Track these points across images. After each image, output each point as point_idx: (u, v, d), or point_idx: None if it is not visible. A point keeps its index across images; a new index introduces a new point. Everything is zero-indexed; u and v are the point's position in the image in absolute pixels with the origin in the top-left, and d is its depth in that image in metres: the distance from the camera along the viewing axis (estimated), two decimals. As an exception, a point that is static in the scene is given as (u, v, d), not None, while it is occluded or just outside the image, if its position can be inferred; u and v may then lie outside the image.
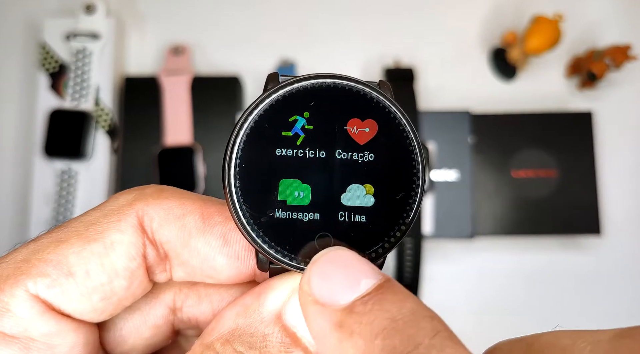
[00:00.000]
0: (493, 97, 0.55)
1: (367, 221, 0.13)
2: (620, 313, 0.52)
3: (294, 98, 0.13)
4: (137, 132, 0.51)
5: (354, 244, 0.13)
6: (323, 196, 0.13)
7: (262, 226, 0.13)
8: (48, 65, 0.51)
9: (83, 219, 0.14)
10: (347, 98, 0.14)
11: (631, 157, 0.54)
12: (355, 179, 0.13)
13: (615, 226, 0.52)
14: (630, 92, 0.55)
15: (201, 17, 0.56)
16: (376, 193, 0.13)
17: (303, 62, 0.55)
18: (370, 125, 0.13)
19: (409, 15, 0.56)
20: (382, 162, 0.13)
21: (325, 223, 0.13)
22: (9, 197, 0.53)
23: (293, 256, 0.13)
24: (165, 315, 0.15)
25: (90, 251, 0.13)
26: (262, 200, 0.13)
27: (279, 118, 0.13)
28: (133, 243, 0.13)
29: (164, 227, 0.13)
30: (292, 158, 0.13)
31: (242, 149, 0.14)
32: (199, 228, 0.14)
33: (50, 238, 0.13)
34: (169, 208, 0.14)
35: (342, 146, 0.13)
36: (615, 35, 0.55)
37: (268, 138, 0.13)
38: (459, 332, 0.54)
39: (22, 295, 0.12)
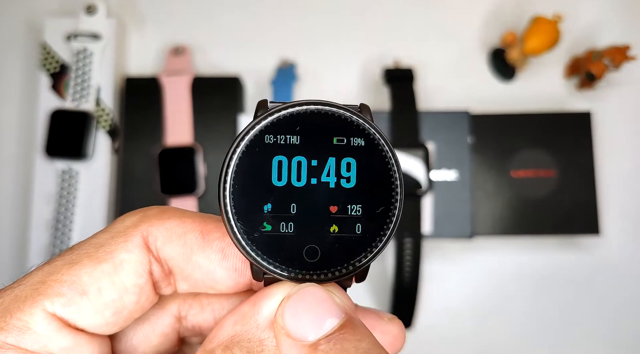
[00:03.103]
0: (492, 98, 0.55)
1: (350, 233, 0.14)
2: (619, 313, 0.52)
3: (281, 123, 0.14)
4: (137, 132, 0.51)
5: (339, 254, 0.14)
6: (309, 212, 0.14)
7: (255, 240, 0.14)
8: (49, 66, 0.51)
9: (92, 241, 0.15)
10: (330, 122, 0.15)
11: (630, 157, 0.54)
12: (339, 196, 0.14)
13: (614, 227, 0.52)
14: (629, 92, 0.55)
15: (201, 17, 0.56)
16: (359, 208, 0.14)
17: (303, 62, 0.55)
18: None
19: (409, 16, 0.56)
20: (363, 180, 0.14)
21: (312, 236, 0.14)
22: (10, 197, 0.54)
23: (284, 267, 0.14)
24: (171, 324, 0.16)
25: (101, 271, 0.14)
26: (254, 217, 0.14)
27: (269, 143, 0.14)
28: (140, 261, 0.15)
29: (167, 245, 0.15)
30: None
31: (235, 172, 0.15)
32: (199, 245, 0.15)
33: (63, 261, 0.14)
34: (171, 227, 0.15)
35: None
36: (614, 35, 0.55)
37: (259, 158, 0.14)
38: (459, 331, 0.55)
39: (41, 314, 0.14)
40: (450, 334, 0.51)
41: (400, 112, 0.47)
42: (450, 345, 0.51)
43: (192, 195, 0.49)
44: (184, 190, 0.49)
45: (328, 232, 0.14)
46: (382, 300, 0.51)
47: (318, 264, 0.14)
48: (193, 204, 0.49)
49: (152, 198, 0.49)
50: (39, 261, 0.48)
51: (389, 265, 0.48)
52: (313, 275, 0.14)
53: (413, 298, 0.46)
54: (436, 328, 0.51)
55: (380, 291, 0.51)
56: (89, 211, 0.49)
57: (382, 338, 0.17)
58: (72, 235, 0.49)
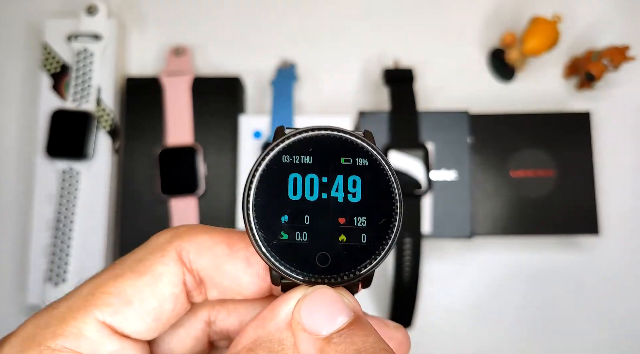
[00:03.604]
0: (492, 98, 0.55)
1: (357, 242, 0.17)
2: (618, 313, 0.52)
3: (296, 146, 0.17)
4: (138, 132, 0.51)
5: (347, 261, 0.17)
6: (321, 223, 0.17)
7: (274, 248, 0.16)
8: (50, 66, 0.51)
9: (133, 257, 0.17)
10: (338, 145, 0.17)
11: (629, 157, 0.54)
12: (346, 209, 0.17)
13: (613, 226, 0.53)
14: (628, 93, 0.55)
15: (202, 18, 0.57)
16: (364, 220, 0.17)
17: (303, 62, 0.55)
18: None
19: (409, 17, 0.56)
20: (367, 195, 0.17)
21: (323, 244, 0.16)
22: (11, 197, 0.54)
23: (299, 271, 0.16)
24: (202, 329, 0.19)
25: (142, 282, 0.16)
26: (273, 227, 0.16)
27: (287, 162, 0.17)
28: (175, 273, 0.17)
29: (198, 257, 0.17)
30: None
31: (257, 187, 0.17)
32: (227, 255, 0.17)
33: (109, 274, 0.17)
34: (201, 241, 0.17)
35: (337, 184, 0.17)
36: (613, 36, 0.55)
37: (277, 176, 0.17)
38: (458, 331, 0.56)
39: (92, 322, 0.15)
40: (449, 334, 0.51)
41: (400, 113, 0.48)
42: (449, 344, 0.51)
43: (193, 195, 0.49)
44: (184, 190, 0.49)
45: (337, 241, 0.17)
46: (382, 299, 0.51)
47: (329, 269, 0.16)
48: (193, 204, 0.49)
49: (152, 198, 0.50)
50: (39, 260, 0.49)
51: (388, 265, 0.48)
52: (324, 279, 0.17)
53: (413, 298, 0.46)
54: (436, 327, 0.51)
55: (380, 291, 0.51)
56: (89, 211, 0.50)
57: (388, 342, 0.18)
58: (72, 234, 0.49)
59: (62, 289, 0.49)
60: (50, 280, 0.49)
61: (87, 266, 0.49)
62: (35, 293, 0.49)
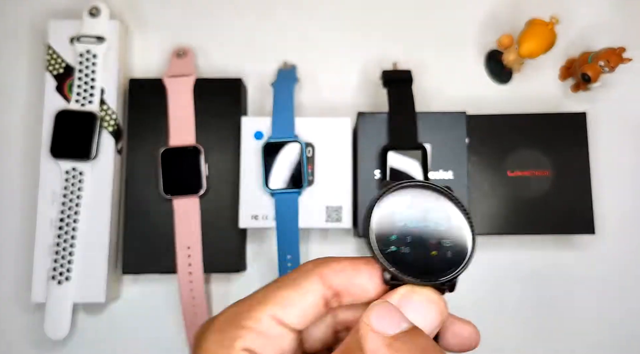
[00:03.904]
0: (489, 100, 0.56)
1: (444, 257, 0.23)
2: (614, 312, 0.53)
3: (402, 190, 0.24)
4: (141, 132, 0.52)
5: (437, 270, 0.23)
6: (418, 242, 0.23)
7: (386, 257, 0.23)
8: (53, 67, 0.52)
9: (290, 277, 0.24)
10: (430, 192, 0.24)
11: (625, 158, 0.55)
12: (436, 234, 0.24)
13: (609, 226, 0.53)
14: (624, 94, 0.56)
15: (204, 21, 0.57)
16: (449, 242, 0.23)
17: (303, 64, 0.56)
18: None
19: (407, 20, 0.57)
20: (452, 224, 0.24)
21: (420, 256, 0.23)
22: (16, 196, 0.55)
23: (402, 274, 0.23)
24: (331, 322, 0.26)
25: (296, 293, 0.23)
26: (386, 243, 0.23)
27: (392, 202, 0.24)
28: (319, 290, 0.23)
29: (335, 278, 0.24)
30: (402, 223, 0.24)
31: (376, 218, 0.24)
32: (354, 274, 0.24)
33: (274, 287, 0.24)
34: (335, 267, 0.24)
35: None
36: (609, 38, 0.56)
37: (387, 211, 0.24)
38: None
39: (267, 315, 0.23)
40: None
41: (399, 114, 0.48)
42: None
43: (195, 194, 0.50)
44: (187, 190, 0.50)
45: (429, 255, 0.23)
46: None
47: (424, 275, 0.23)
48: (196, 203, 0.50)
49: (155, 197, 0.50)
50: (44, 259, 0.49)
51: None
52: (421, 281, 0.23)
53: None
54: (434, 325, 0.52)
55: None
56: (93, 211, 0.50)
57: (453, 338, 0.25)
58: (76, 234, 0.50)
59: (65, 287, 0.49)
60: (54, 279, 0.49)
61: (91, 265, 0.50)
62: (40, 292, 0.49)
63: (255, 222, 0.49)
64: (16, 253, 0.54)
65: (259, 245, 0.54)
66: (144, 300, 0.53)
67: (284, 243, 0.48)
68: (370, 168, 0.48)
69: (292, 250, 0.48)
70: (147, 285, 0.53)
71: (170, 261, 0.50)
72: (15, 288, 0.53)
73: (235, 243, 0.50)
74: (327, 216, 0.48)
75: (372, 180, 0.48)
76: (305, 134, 0.49)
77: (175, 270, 0.50)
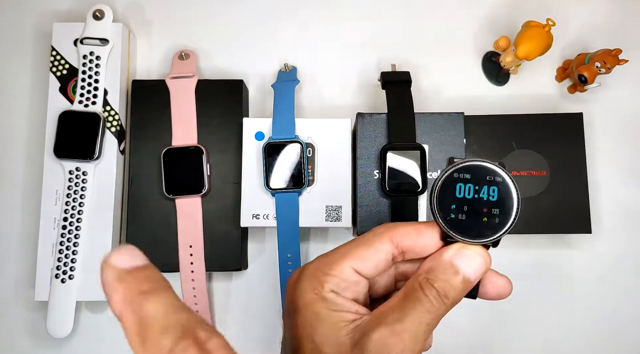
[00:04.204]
0: (487, 101, 0.56)
1: (493, 221, 0.28)
2: (611, 311, 0.53)
3: (461, 168, 0.29)
4: (144, 133, 0.52)
5: (487, 232, 0.29)
6: (473, 210, 0.29)
7: (447, 222, 0.29)
8: (56, 69, 0.53)
9: (364, 237, 0.30)
10: (485, 168, 0.29)
11: (621, 158, 0.55)
12: (488, 203, 0.29)
13: (605, 226, 0.54)
14: (620, 95, 0.56)
15: (206, 23, 0.58)
16: (497, 210, 0.28)
17: (304, 65, 0.57)
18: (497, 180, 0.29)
19: (406, 22, 0.58)
20: (501, 196, 0.29)
21: (473, 221, 0.29)
22: (21, 196, 0.55)
23: (459, 235, 0.29)
24: (394, 272, 0.32)
25: (370, 251, 0.29)
26: (447, 211, 0.29)
27: (456, 177, 0.29)
28: (389, 249, 0.29)
29: (402, 239, 0.29)
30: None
31: (439, 188, 0.29)
32: (418, 235, 0.29)
33: (351, 245, 0.29)
34: (402, 230, 0.29)
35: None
36: (606, 39, 0.57)
37: (449, 185, 0.29)
38: (455, 327, 0.57)
39: (348, 266, 0.28)
40: (445, 329, 0.53)
41: (397, 114, 0.49)
42: (445, 339, 0.52)
43: (198, 194, 0.51)
44: (189, 190, 0.50)
45: (482, 220, 0.29)
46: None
47: (476, 236, 0.28)
48: (198, 203, 0.51)
49: (158, 197, 0.51)
50: (47, 258, 0.50)
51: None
52: (473, 240, 0.29)
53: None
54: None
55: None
56: (96, 211, 0.51)
57: (491, 287, 0.31)
58: (80, 233, 0.50)
59: (69, 286, 0.50)
60: (57, 278, 0.50)
61: (94, 264, 0.50)
62: (44, 290, 0.50)
63: (256, 221, 0.49)
64: (20, 252, 0.54)
65: (259, 243, 0.55)
66: (147, 299, 0.54)
67: (284, 242, 0.49)
68: (370, 168, 0.49)
69: (292, 249, 0.49)
70: (149, 283, 0.54)
71: (173, 260, 0.50)
72: (18, 287, 0.54)
73: (237, 242, 0.51)
74: (327, 216, 0.49)
75: (372, 180, 0.49)
76: (306, 135, 0.50)
77: (178, 268, 0.50)
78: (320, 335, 0.27)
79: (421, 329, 0.27)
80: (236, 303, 0.54)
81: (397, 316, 0.27)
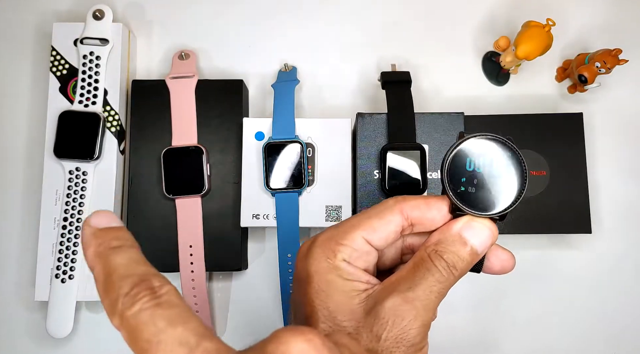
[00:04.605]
0: (487, 101, 0.56)
1: (500, 196, 0.29)
2: (611, 311, 0.53)
3: (470, 142, 0.30)
4: (144, 133, 0.52)
5: (494, 205, 0.29)
6: (482, 183, 0.29)
7: (457, 194, 0.29)
8: (56, 69, 0.53)
9: (375, 210, 0.30)
10: (495, 144, 0.30)
11: (621, 158, 0.55)
12: (496, 177, 0.30)
13: (605, 226, 0.54)
14: (620, 95, 0.56)
15: (206, 23, 0.58)
16: (506, 184, 0.29)
17: (304, 65, 0.57)
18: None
19: (406, 21, 0.58)
20: (510, 172, 0.30)
21: (482, 195, 0.29)
22: (20, 196, 0.55)
23: (468, 208, 0.29)
24: (401, 245, 0.33)
25: (381, 223, 0.30)
26: (457, 183, 0.29)
27: (466, 151, 0.30)
28: (399, 221, 0.30)
29: (411, 211, 0.30)
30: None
31: (449, 163, 0.30)
32: (427, 208, 0.30)
33: (362, 216, 0.30)
34: (412, 203, 0.30)
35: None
36: (606, 39, 0.57)
37: (460, 159, 0.30)
38: (455, 326, 0.57)
39: (359, 236, 0.29)
40: (445, 328, 0.53)
41: (397, 114, 0.49)
42: (446, 338, 0.52)
43: (198, 194, 0.51)
44: (189, 190, 0.50)
45: (491, 193, 0.29)
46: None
47: (483, 209, 0.29)
48: (198, 203, 0.51)
49: (158, 197, 0.51)
50: (47, 258, 0.50)
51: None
52: (480, 213, 0.29)
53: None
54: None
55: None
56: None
57: (495, 260, 0.32)
58: (80, 233, 0.50)
59: (69, 286, 0.50)
60: (57, 278, 0.50)
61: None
62: (44, 290, 0.50)
63: (256, 221, 0.49)
64: (20, 252, 0.55)
65: (259, 243, 0.55)
66: (147, 298, 0.54)
67: (284, 242, 0.49)
68: (370, 168, 0.49)
69: (292, 249, 0.49)
70: (149, 283, 0.54)
71: (173, 260, 0.50)
72: (18, 287, 0.54)
73: (237, 242, 0.51)
74: (327, 216, 0.49)
75: (372, 180, 0.49)
76: (306, 135, 0.50)
77: (178, 268, 0.50)
78: (334, 303, 0.29)
79: (432, 298, 0.28)
80: (236, 303, 0.54)
81: (408, 285, 0.28)
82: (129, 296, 0.22)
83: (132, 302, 0.22)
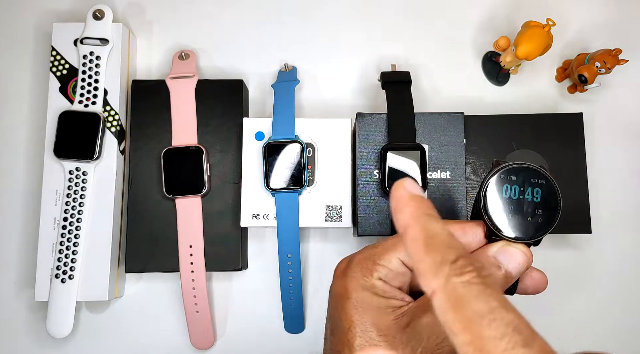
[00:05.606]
0: (486, 100, 0.56)
1: (537, 222, 0.31)
2: (611, 311, 0.54)
3: (508, 170, 0.31)
4: (144, 133, 0.52)
5: (530, 231, 0.31)
6: (519, 210, 0.31)
7: (492, 220, 0.31)
8: (56, 69, 0.53)
9: (391, 239, 0.32)
10: (530, 171, 0.32)
11: (621, 158, 0.55)
12: (533, 204, 0.31)
13: (605, 226, 0.54)
14: (620, 95, 0.56)
15: (206, 23, 0.58)
16: (541, 211, 0.31)
17: (303, 66, 0.57)
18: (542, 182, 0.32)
19: (406, 21, 0.58)
20: (545, 198, 0.31)
21: (519, 221, 0.31)
22: (21, 196, 0.55)
23: (504, 234, 0.31)
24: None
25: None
26: (493, 210, 0.31)
27: (503, 178, 0.32)
28: None
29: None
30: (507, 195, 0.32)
31: (486, 190, 0.31)
32: (464, 233, 0.32)
33: (399, 238, 0.31)
34: (448, 228, 0.28)
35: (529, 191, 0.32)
36: (606, 39, 0.57)
37: (496, 186, 0.31)
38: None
39: (395, 257, 0.31)
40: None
41: (397, 114, 0.49)
42: (446, 340, 0.52)
43: (198, 194, 0.51)
44: (189, 190, 0.50)
45: (526, 219, 0.31)
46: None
47: (518, 234, 0.31)
48: (198, 203, 0.51)
49: (158, 197, 0.51)
50: (47, 258, 0.50)
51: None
52: (516, 239, 0.31)
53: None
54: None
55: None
56: (96, 211, 0.51)
57: (529, 281, 0.33)
58: (80, 233, 0.50)
59: (69, 286, 0.50)
60: (57, 278, 0.50)
61: (94, 263, 0.50)
62: (44, 290, 0.50)
63: (256, 221, 0.49)
64: (20, 252, 0.55)
65: (259, 243, 0.55)
66: (147, 298, 0.54)
67: (284, 242, 0.49)
68: (370, 168, 0.49)
69: (292, 249, 0.49)
70: (149, 283, 0.54)
71: (173, 260, 0.50)
72: (18, 287, 0.54)
73: (237, 242, 0.51)
74: (327, 216, 0.49)
75: (372, 180, 0.49)
76: (306, 135, 0.50)
77: (178, 268, 0.50)
78: (370, 318, 0.30)
79: None
80: (236, 303, 0.54)
81: None
82: (457, 264, 0.23)
83: (460, 271, 0.23)
